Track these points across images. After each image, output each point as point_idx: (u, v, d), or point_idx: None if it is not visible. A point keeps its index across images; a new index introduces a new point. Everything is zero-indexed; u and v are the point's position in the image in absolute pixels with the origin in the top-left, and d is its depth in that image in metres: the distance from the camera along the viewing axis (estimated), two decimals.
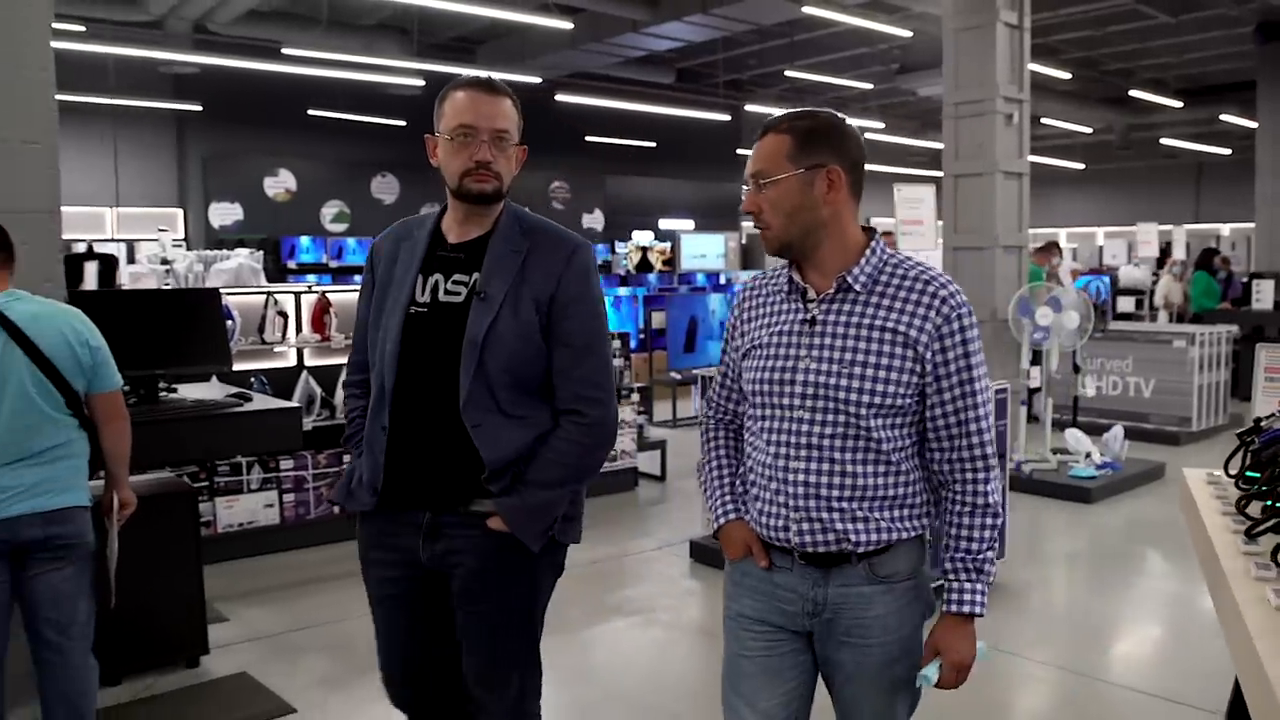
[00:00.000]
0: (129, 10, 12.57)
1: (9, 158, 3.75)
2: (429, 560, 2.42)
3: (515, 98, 2.45)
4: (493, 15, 12.15)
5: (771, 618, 2.25)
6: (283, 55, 13.24)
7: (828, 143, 2.13)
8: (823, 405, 2.13)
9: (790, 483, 2.16)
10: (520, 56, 15.58)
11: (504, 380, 2.35)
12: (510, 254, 2.39)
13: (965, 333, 2.12)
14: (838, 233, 2.15)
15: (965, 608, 2.13)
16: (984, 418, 2.15)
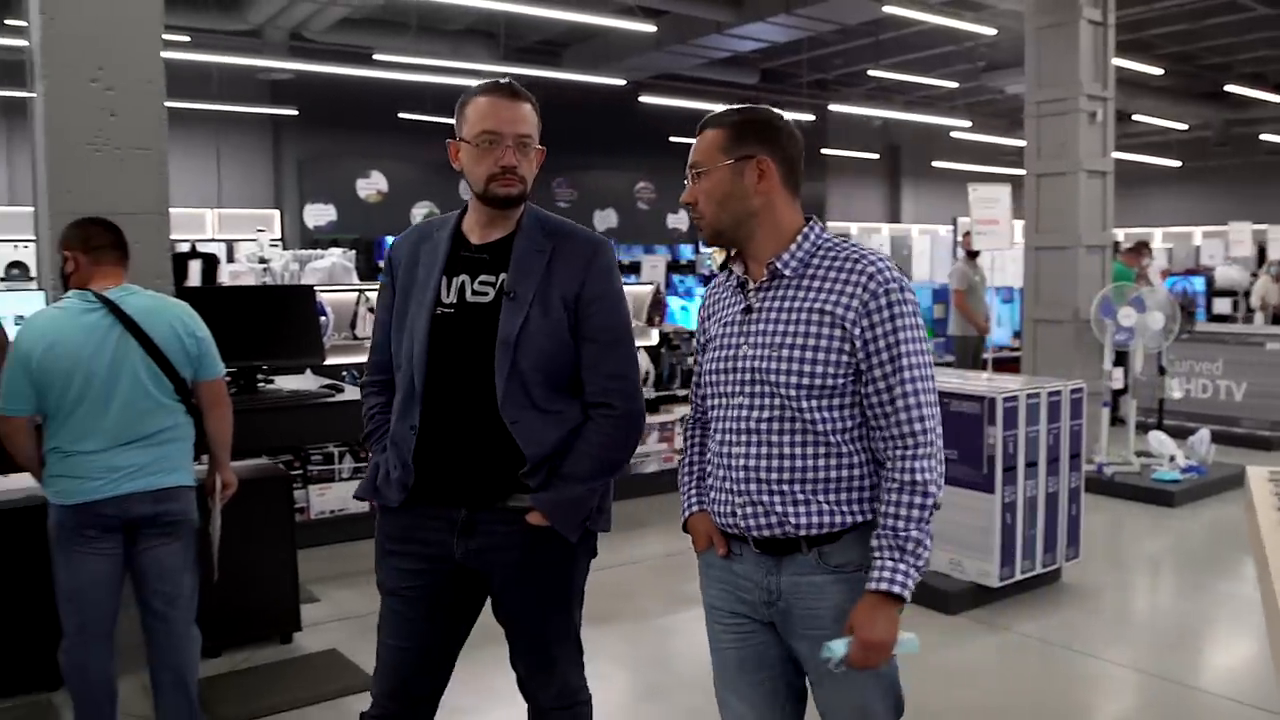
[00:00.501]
0: (230, 20, 13.06)
1: (123, 164, 4.02)
2: (463, 556, 2.47)
3: (534, 101, 2.49)
4: (576, 19, 12.34)
5: (736, 607, 2.30)
6: (374, 61, 13.60)
7: (758, 135, 2.20)
8: (759, 390, 2.17)
9: (733, 467, 2.22)
10: (605, 59, 15.78)
11: (537, 378, 2.40)
12: (535, 254, 2.44)
13: (894, 308, 2.12)
14: (770, 222, 2.20)
15: (884, 585, 2.09)
16: (915, 394, 2.13)
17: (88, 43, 4.02)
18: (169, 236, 4.18)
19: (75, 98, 4.02)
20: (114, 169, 4.04)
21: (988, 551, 4.96)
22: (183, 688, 3.48)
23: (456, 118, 2.46)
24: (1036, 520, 5.11)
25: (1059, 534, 5.24)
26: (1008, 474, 4.94)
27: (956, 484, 5.00)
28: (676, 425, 7.62)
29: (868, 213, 24.32)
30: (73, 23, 4.02)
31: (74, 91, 4.03)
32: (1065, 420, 5.21)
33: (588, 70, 15.43)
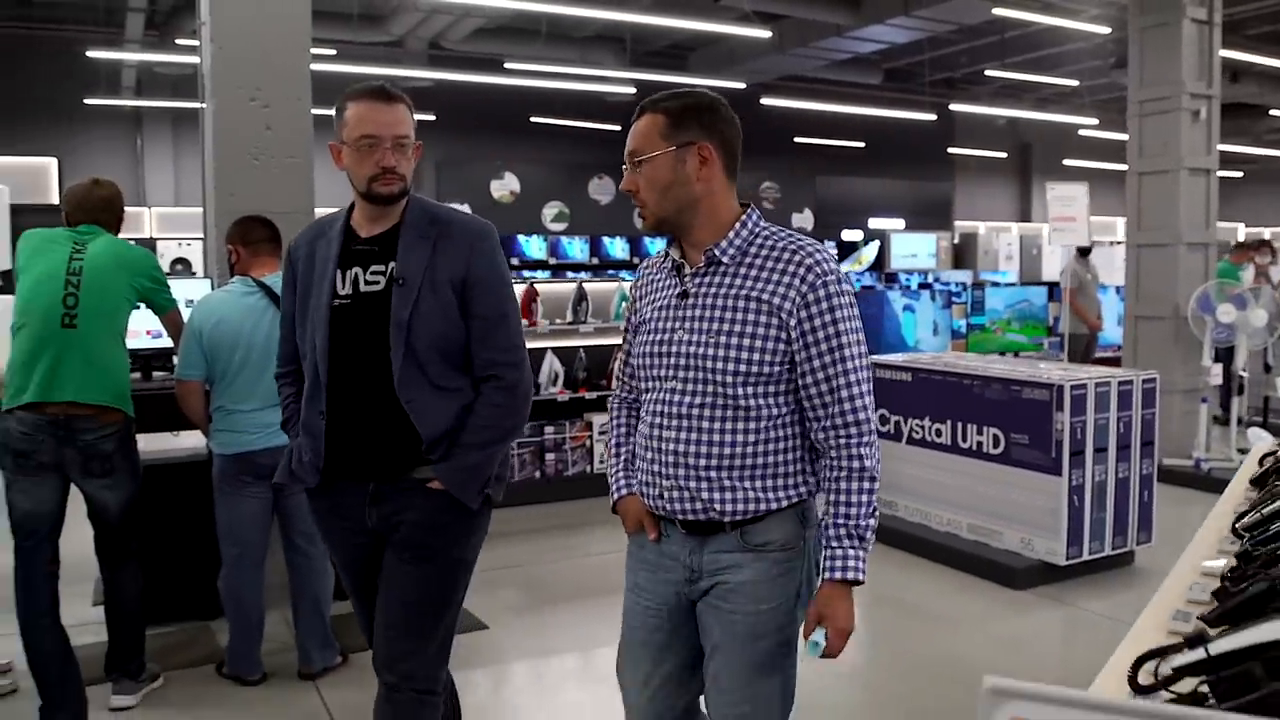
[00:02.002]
0: (374, 32, 13.94)
1: (277, 172, 4.68)
2: (375, 524, 2.61)
3: (409, 102, 2.60)
4: (694, 28, 12.81)
5: (660, 589, 2.30)
6: (506, 69, 14.31)
7: (698, 121, 2.18)
8: (693, 375, 2.17)
9: (663, 451, 2.21)
10: (729, 62, 16.18)
11: (432, 357, 2.52)
12: (421, 241, 2.56)
13: (832, 299, 2.12)
14: (710, 209, 2.19)
15: (849, 574, 2.11)
16: (856, 384, 2.15)
17: (249, 66, 4.68)
18: None
19: (238, 114, 4.69)
20: (269, 175, 4.69)
21: (1055, 531, 5.25)
22: (319, 613, 4.12)
23: (336, 121, 2.58)
24: (1105, 504, 5.37)
25: (1130, 518, 5.49)
26: (1075, 458, 5.22)
27: (1025, 466, 5.32)
28: None
29: (996, 212, 24.09)
30: (237, 49, 4.69)
31: (237, 108, 4.70)
32: (1136, 409, 5.45)
33: (711, 74, 15.85)
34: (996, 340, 9.44)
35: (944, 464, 5.83)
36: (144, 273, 3.88)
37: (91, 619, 4.37)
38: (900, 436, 6.14)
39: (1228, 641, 1.14)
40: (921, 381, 6.00)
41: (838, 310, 2.13)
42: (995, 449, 5.51)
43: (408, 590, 2.61)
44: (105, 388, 3.65)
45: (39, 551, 3.65)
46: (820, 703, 4.03)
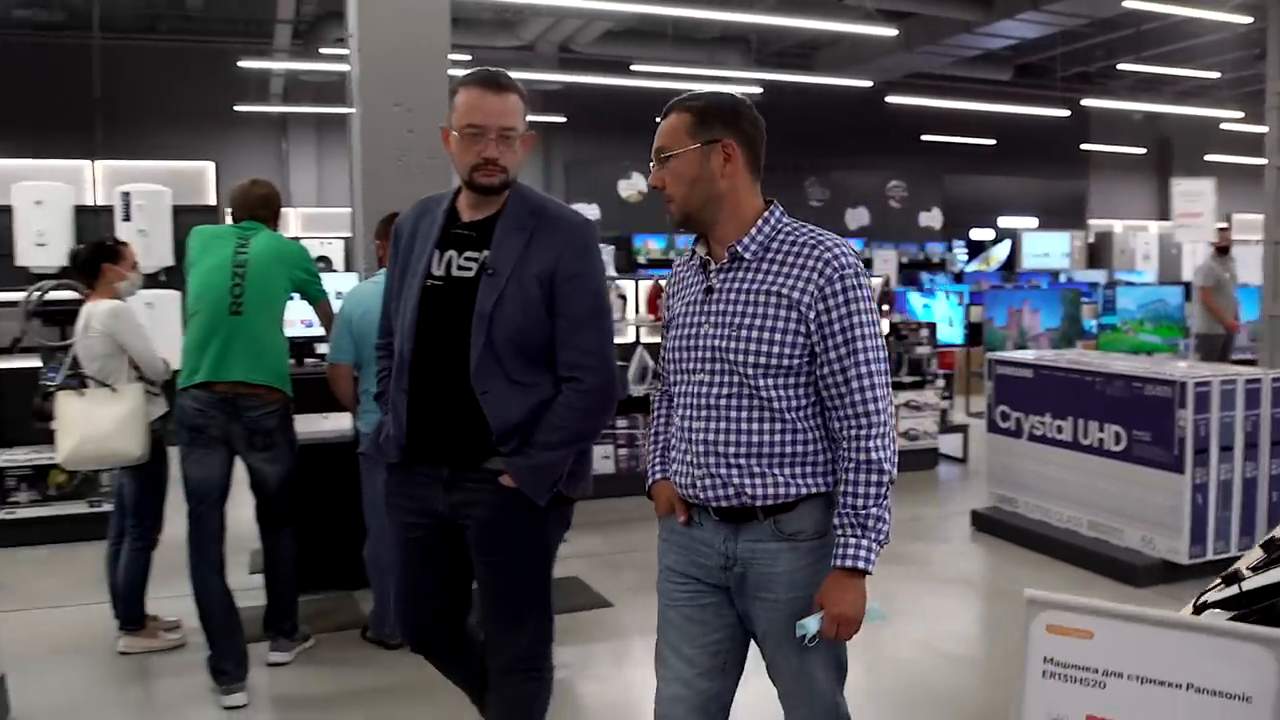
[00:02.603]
0: (506, 36, 14.38)
1: (418, 172, 5.00)
2: (446, 510, 2.64)
3: (522, 91, 2.59)
4: (819, 28, 12.86)
5: (692, 571, 2.37)
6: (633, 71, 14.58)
7: (722, 119, 2.26)
8: (719, 367, 2.25)
9: (694, 441, 2.29)
10: (855, 60, 16.16)
11: (510, 350, 2.53)
12: (516, 232, 2.57)
13: (849, 293, 2.18)
14: (734, 205, 2.28)
15: (849, 562, 2.16)
16: (869, 375, 2.19)
17: (393, 75, 5.01)
18: None
19: (383, 119, 5.02)
20: (411, 175, 5.01)
21: (1177, 530, 5.23)
22: None
23: (450, 105, 2.60)
24: (1231, 503, 5.32)
25: (1257, 518, 5.42)
26: (1199, 456, 5.19)
27: (1147, 464, 5.31)
28: (900, 410, 8.09)
29: (1133, 210, 23.42)
30: (382, 60, 5.02)
31: (382, 114, 5.03)
32: (1265, 408, 5.38)
33: (839, 72, 15.87)
34: (1128, 340, 9.30)
35: (1065, 460, 5.84)
36: (300, 265, 4.23)
37: (248, 585, 4.75)
38: (1021, 433, 6.16)
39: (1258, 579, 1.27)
40: (1043, 378, 6.02)
41: (853, 304, 2.19)
42: (1117, 446, 5.51)
43: (492, 587, 2.70)
44: (268, 369, 4.01)
45: (209, 517, 4.03)
46: (938, 690, 4.16)
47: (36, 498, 6.41)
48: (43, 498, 6.42)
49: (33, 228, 8.58)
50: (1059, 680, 1.07)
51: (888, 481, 2.20)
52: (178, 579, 4.38)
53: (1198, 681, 0.99)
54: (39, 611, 4.98)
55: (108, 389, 4.22)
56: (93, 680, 4.32)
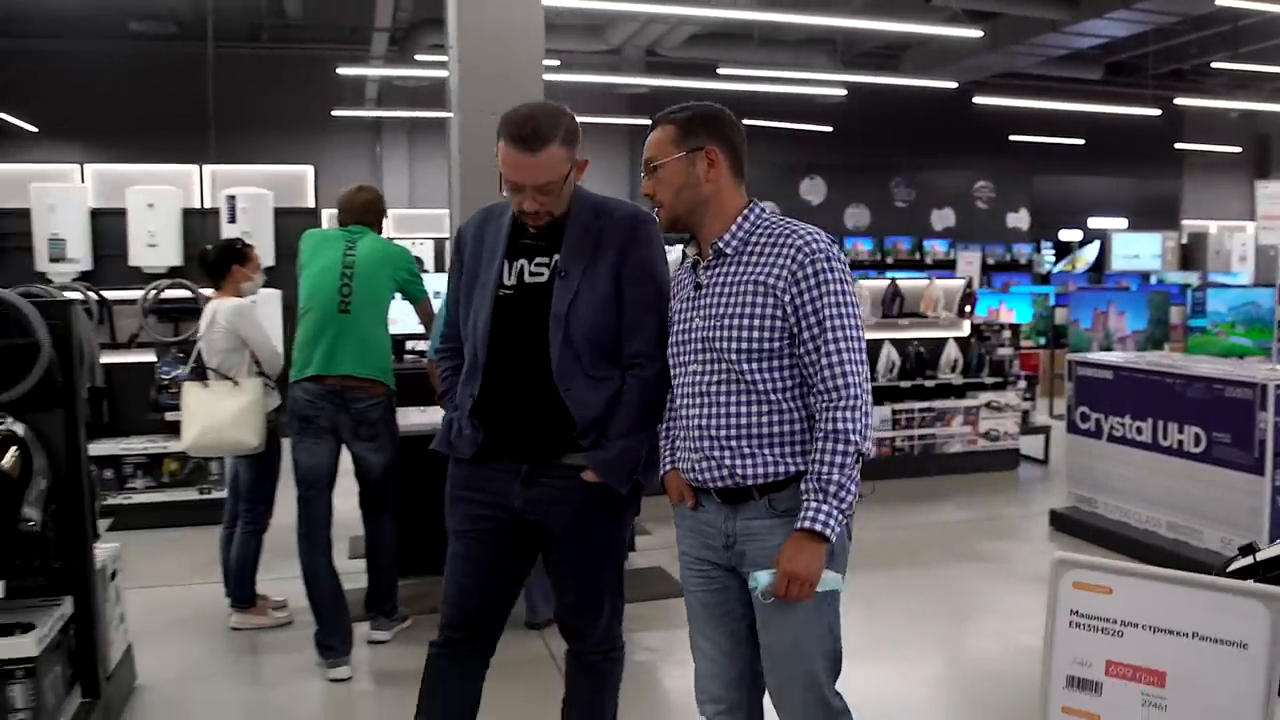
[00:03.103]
0: (594, 41, 14.64)
1: None
2: (521, 506, 2.72)
3: (565, 132, 2.59)
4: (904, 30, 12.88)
5: (703, 554, 2.52)
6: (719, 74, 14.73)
7: (705, 128, 2.43)
8: (708, 356, 2.41)
9: (689, 426, 2.46)
10: (941, 61, 16.09)
11: (586, 346, 2.63)
12: (585, 234, 2.66)
13: (819, 275, 2.32)
14: (719, 207, 2.44)
15: (808, 524, 2.27)
16: (840, 351, 2.31)
17: (489, 83, 5.25)
18: None
19: (480, 127, 5.25)
20: None
21: (1257, 532, 5.24)
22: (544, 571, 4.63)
23: None
24: None
25: None
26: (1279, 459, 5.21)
27: (1227, 466, 5.34)
28: (981, 410, 8.15)
29: (1229, 210, 22.88)
30: (480, 69, 5.26)
31: (479, 122, 5.26)
32: None
33: (925, 73, 15.83)
34: (1218, 343, 9.19)
35: (1144, 462, 5.88)
36: (403, 267, 4.50)
37: (350, 569, 5.02)
38: (1100, 434, 6.20)
39: (1271, 550, 1.41)
40: (1123, 380, 6.05)
41: (825, 285, 2.32)
42: (1196, 448, 5.53)
43: (575, 578, 2.81)
44: (374, 364, 4.29)
45: (318, 502, 4.31)
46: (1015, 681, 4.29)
47: (151, 484, 6.81)
48: (157, 484, 6.82)
49: (145, 229, 9.00)
50: (1083, 630, 1.25)
51: (854, 452, 2.30)
52: (286, 562, 4.69)
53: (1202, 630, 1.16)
54: (156, 590, 5.32)
55: (229, 382, 4.53)
56: (208, 653, 4.63)
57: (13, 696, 3.17)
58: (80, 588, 3.57)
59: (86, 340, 3.67)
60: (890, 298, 8.18)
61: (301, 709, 4.16)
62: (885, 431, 7.83)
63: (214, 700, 4.19)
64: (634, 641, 4.73)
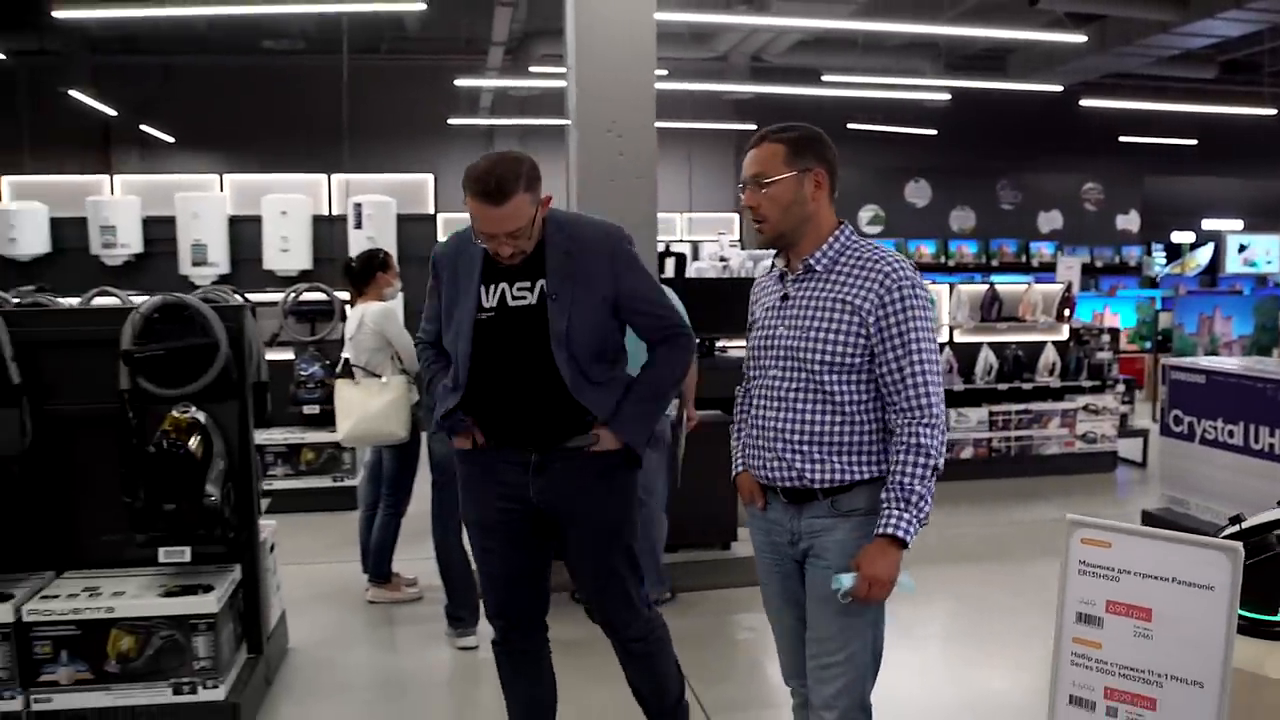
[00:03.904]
0: (701, 49, 15.01)
1: (627, 190, 5.62)
2: (537, 497, 2.92)
3: (526, 178, 2.72)
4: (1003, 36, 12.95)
5: (771, 549, 2.70)
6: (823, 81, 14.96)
7: (813, 150, 2.55)
8: (790, 364, 2.55)
9: (765, 429, 2.60)
10: (1049, 63, 16.05)
11: (589, 358, 2.84)
12: (564, 256, 2.84)
13: (905, 301, 2.47)
14: (816, 225, 2.57)
15: (890, 530, 2.40)
16: (922, 374, 2.46)
17: (606, 104, 5.65)
18: (656, 239, 5.74)
19: (597, 143, 5.67)
20: (621, 193, 5.63)
21: None
22: (653, 554, 5.01)
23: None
24: None
25: None
26: None
27: None
28: (1078, 413, 8.29)
29: None
30: (597, 91, 5.67)
31: (596, 139, 5.68)
32: None
33: (1030, 77, 15.83)
34: None
35: (1236, 465, 6.00)
36: None
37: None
38: (1193, 437, 6.34)
39: (1254, 520, 1.71)
40: (1215, 384, 6.19)
41: (909, 310, 2.47)
42: None
43: (586, 557, 3.01)
44: None
45: (451, 487, 4.73)
46: None
47: (290, 472, 7.38)
48: (295, 472, 7.39)
49: (278, 235, 9.63)
50: (1089, 576, 1.59)
51: (933, 466, 2.45)
52: (418, 543, 5.17)
53: (1180, 576, 1.48)
54: (298, 566, 5.83)
55: (376, 379, 5.01)
56: (347, 622, 5.14)
57: (196, 646, 3.68)
58: (248, 557, 4.07)
59: (254, 340, 4.17)
60: (989, 302, 8.36)
61: (432, 673, 4.62)
62: (982, 432, 8.03)
63: (355, 664, 4.68)
64: (736, 623, 5.13)
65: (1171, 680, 1.56)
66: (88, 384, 3.89)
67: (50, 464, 3.89)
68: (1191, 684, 1.53)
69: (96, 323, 4.04)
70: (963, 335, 8.31)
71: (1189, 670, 1.52)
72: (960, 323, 8.28)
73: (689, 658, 4.45)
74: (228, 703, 3.75)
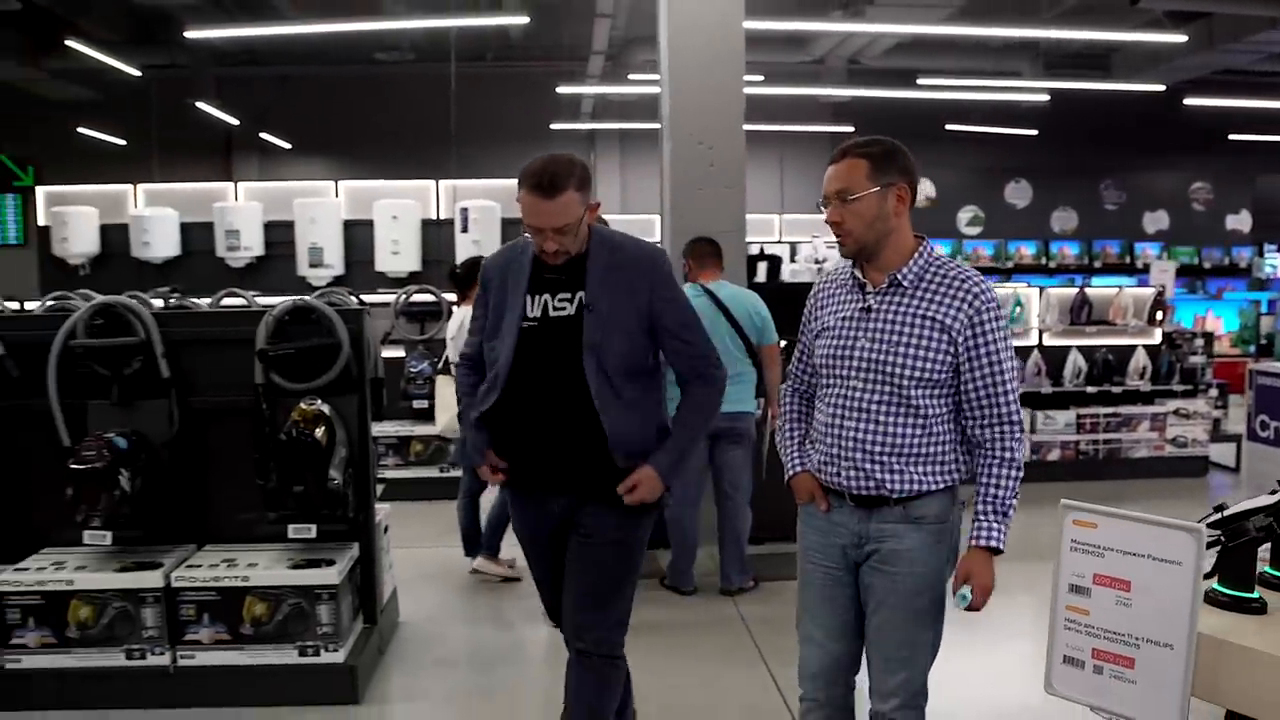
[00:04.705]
0: (797, 53, 15.19)
1: (717, 199, 5.92)
2: (560, 510, 3.01)
3: (577, 178, 2.80)
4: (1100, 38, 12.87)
5: (828, 550, 2.72)
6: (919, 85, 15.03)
7: (896, 165, 2.57)
8: (874, 376, 2.58)
9: (843, 438, 2.62)
10: (1153, 61, 15.83)
11: (619, 372, 2.87)
12: (604, 270, 2.89)
13: (992, 322, 2.54)
14: (897, 239, 2.60)
15: (991, 542, 2.50)
16: (1009, 390, 2.55)
17: (697, 118, 5.97)
18: (745, 246, 6.03)
19: (689, 155, 5.99)
20: (711, 202, 5.94)
21: None
22: (738, 544, 5.33)
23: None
24: None
25: None
26: None
27: None
28: (1169, 417, 8.32)
29: None
30: (689, 105, 5.99)
31: (688, 151, 6.00)
32: None
33: (1133, 76, 15.63)
34: None
35: None
36: None
37: None
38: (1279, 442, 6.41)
39: (1235, 508, 1.95)
40: None
41: (997, 330, 2.57)
42: None
43: (591, 569, 3.01)
44: None
45: None
46: None
47: (400, 462, 7.86)
48: (404, 462, 7.87)
49: (389, 239, 10.13)
50: (1079, 553, 1.87)
51: (1020, 476, 2.57)
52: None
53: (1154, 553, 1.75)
54: (407, 549, 6.25)
55: None
56: (452, 602, 5.58)
57: (320, 613, 4.10)
58: (365, 536, 4.49)
59: (371, 340, 4.58)
60: (1078, 306, 8.44)
61: (530, 648, 5.00)
62: (1069, 435, 8.13)
63: (460, 637, 5.09)
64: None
65: (1147, 643, 1.84)
66: (225, 379, 4.35)
67: (193, 450, 4.35)
68: (1163, 646, 1.80)
69: (233, 324, 4.50)
70: (1052, 338, 8.40)
71: (1161, 634, 1.79)
72: (1049, 326, 8.38)
73: (770, 643, 4.79)
74: (346, 665, 4.16)
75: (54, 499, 4.11)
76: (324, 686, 4.13)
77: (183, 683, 4.11)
